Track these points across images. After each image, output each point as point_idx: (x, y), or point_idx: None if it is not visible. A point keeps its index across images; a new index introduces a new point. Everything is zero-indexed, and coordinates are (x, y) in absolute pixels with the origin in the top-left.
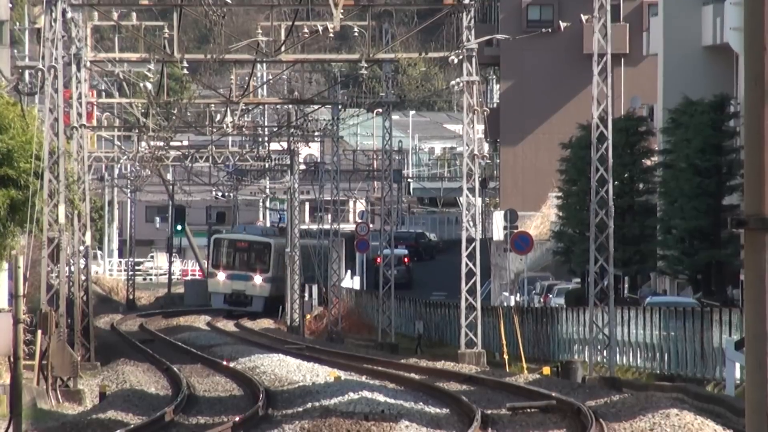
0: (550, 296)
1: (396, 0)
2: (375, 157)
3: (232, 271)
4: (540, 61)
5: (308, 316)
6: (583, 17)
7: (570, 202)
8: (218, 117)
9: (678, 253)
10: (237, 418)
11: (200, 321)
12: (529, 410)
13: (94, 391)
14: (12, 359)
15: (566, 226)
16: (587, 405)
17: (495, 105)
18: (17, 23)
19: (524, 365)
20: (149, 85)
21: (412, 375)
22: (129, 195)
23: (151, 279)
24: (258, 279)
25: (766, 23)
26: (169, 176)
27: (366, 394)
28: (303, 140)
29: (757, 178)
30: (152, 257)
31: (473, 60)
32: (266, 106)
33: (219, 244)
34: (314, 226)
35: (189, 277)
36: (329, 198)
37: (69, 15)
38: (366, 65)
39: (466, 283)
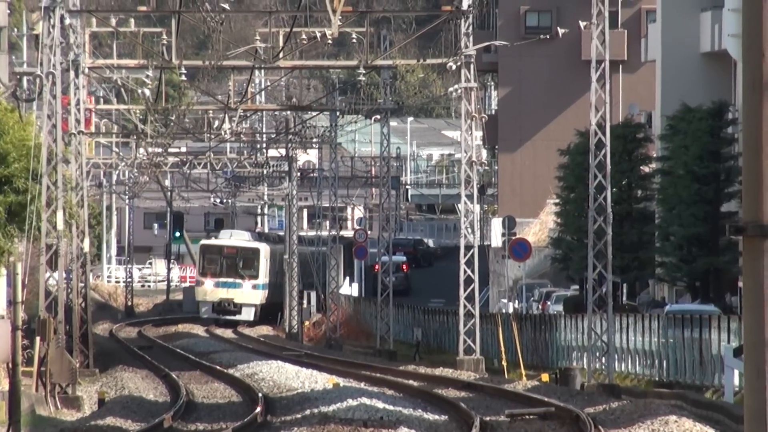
0: (549, 303)
1: (394, 6)
2: (373, 163)
3: (220, 279)
4: (538, 68)
5: (307, 323)
6: (582, 24)
7: (568, 208)
8: (216, 123)
9: (676, 260)
10: (231, 427)
11: (199, 328)
12: (527, 417)
13: (93, 398)
14: (10, 366)
15: (564, 233)
16: (586, 412)
17: (493, 111)
18: (15, 29)
19: (523, 372)
20: (147, 92)
21: (411, 382)
22: (127, 201)
23: (149, 286)
24: (247, 286)
25: (764, 30)
26: (167, 183)
27: (365, 400)
28: (301, 147)
29: (755, 184)
30: (150, 264)
31: (471, 66)
32: (264, 112)
33: (206, 251)
34: (312, 233)
35: (187, 284)
36: (327, 205)
37: (67, 21)
38: (364, 72)
39: (465, 290)
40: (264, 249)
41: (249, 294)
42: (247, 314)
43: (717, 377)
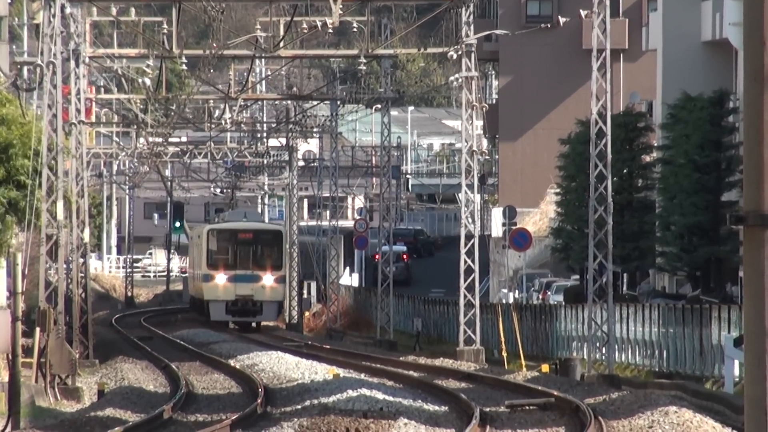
0: (549, 293)
1: None
2: (373, 153)
3: (235, 272)
4: (539, 57)
5: (307, 314)
6: (583, 12)
7: (569, 198)
8: (217, 113)
9: (677, 249)
10: (235, 416)
11: (198, 318)
12: (527, 407)
13: (93, 389)
14: (10, 357)
15: (565, 223)
16: (586, 402)
17: (494, 101)
18: (16, 19)
19: (523, 362)
20: (148, 81)
21: (411, 372)
22: (127, 191)
23: (149, 276)
24: (269, 279)
25: (765, 18)
26: (167, 172)
27: (365, 391)
28: (302, 136)
29: (756, 174)
30: (150, 254)
31: (472, 55)
32: (265, 102)
33: (215, 237)
34: (313, 223)
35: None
36: (328, 194)
37: (68, 10)
38: (365, 61)
39: (465, 280)
40: (285, 232)
41: (271, 288)
42: (270, 314)
43: (717, 367)
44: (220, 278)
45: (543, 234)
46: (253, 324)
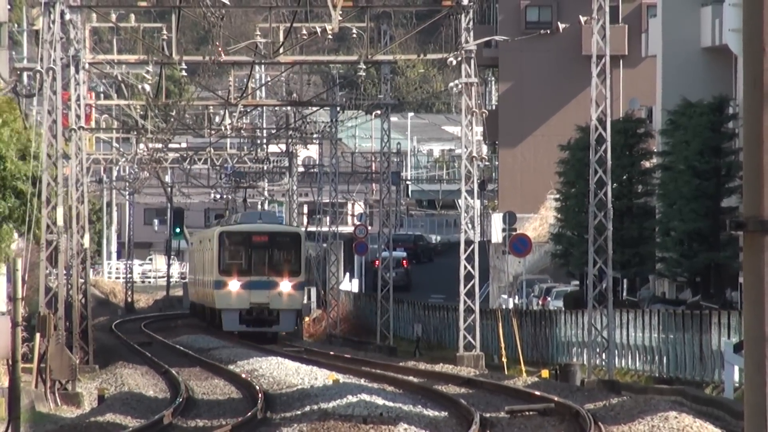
0: (549, 299)
1: (395, 1)
2: (373, 159)
3: (250, 278)
4: (539, 63)
5: (307, 319)
6: (582, 18)
7: (569, 204)
8: (217, 119)
9: (677, 255)
10: (235, 421)
11: (198, 323)
12: (527, 413)
13: (93, 394)
14: (10, 362)
15: (565, 229)
16: (586, 408)
17: (494, 107)
18: (16, 25)
19: (523, 368)
20: (148, 87)
21: (411, 378)
22: (127, 197)
23: (149, 281)
24: (286, 286)
25: (765, 25)
26: (167, 178)
27: (364, 396)
28: (301, 142)
29: (756, 180)
30: (150, 260)
31: (472, 61)
32: (265, 108)
33: (227, 240)
34: (312, 228)
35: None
36: (328, 200)
37: (67, 17)
38: (364, 67)
39: (465, 286)
40: (303, 235)
41: (289, 296)
42: (287, 323)
43: (717, 373)
44: (234, 285)
45: (543, 240)
46: (269, 335)
